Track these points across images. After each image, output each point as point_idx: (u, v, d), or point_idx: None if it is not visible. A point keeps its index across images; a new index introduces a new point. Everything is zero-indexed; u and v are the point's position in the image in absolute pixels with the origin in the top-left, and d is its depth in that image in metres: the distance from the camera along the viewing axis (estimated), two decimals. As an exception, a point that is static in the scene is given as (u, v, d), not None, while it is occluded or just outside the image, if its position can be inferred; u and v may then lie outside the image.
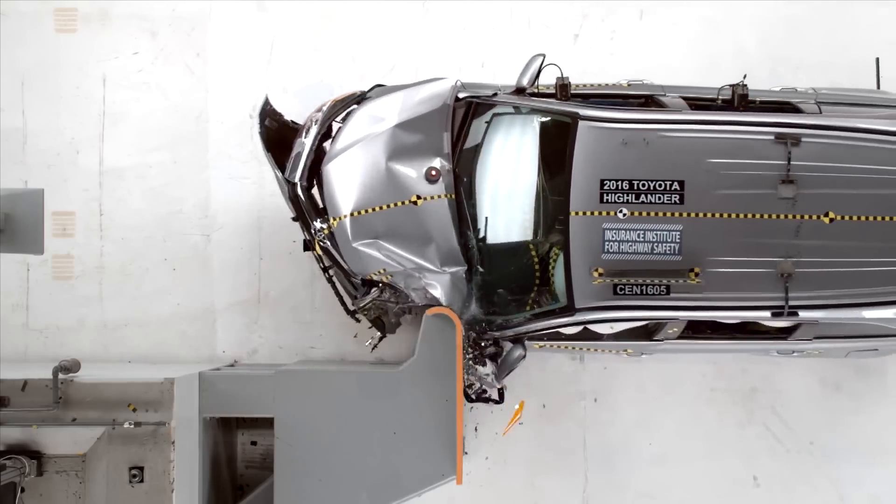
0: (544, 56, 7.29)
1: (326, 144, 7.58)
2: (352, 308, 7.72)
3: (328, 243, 7.42)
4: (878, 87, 7.93)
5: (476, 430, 8.81)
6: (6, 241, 7.24)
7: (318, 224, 7.45)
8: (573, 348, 7.69)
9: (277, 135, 7.64)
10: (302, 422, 7.44)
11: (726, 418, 8.79)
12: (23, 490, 7.19)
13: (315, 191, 7.57)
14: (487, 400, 7.91)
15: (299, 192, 7.37)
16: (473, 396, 7.80)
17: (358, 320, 8.09)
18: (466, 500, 8.80)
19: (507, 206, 7.41)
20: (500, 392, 7.95)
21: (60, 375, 7.19)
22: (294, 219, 7.56)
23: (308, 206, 7.46)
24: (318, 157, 7.45)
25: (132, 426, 7.18)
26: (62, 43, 9.01)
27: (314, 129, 7.44)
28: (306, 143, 7.41)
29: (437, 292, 7.35)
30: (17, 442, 7.22)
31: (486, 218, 7.36)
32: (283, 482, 7.44)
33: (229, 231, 8.85)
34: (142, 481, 7.19)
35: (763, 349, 7.57)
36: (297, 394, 7.48)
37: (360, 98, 7.60)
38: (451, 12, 8.98)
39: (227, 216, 8.90)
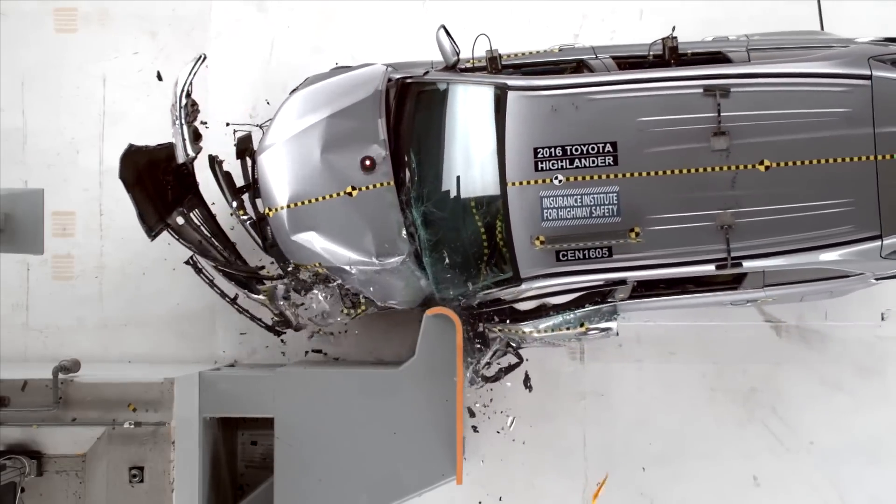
0: (442, 26, 7.21)
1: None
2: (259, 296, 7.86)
3: (246, 222, 7.63)
4: (822, 27, 7.83)
5: (476, 430, 8.81)
6: (6, 241, 7.25)
7: (233, 203, 7.63)
8: (530, 333, 7.62)
9: (151, 166, 7.68)
10: (302, 422, 7.44)
11: (726, 418, 8.79)
12: (23, 490, 7.19)
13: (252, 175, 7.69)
14: (507, 370, 7.91)
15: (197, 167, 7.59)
16: (487, 376, 7.85)
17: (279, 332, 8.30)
18: (466, 501, 8.80)
19: (453, 180, 7.34)
20: (517, 356, 8.02)
21: (60, 375, 7.19)
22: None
23: (225, 183, 7.66)
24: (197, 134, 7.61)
25: (132, 426, 7.18)
26: (62, 43, 9.01)
27: (178, 108, 7.45)
28: (176, 124, 7.45)
29: (382, 284, 7.41)
30: (17, 442, 7.22)
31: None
32: (283, 482, 7.44)
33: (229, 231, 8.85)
34: (142, 481, 7.19)
35: (717, 301, 7.52)
36: (297, 394, 7.48)
37: (205, 58, 7.59)
38: (450, 12, 8.98)
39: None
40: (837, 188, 6.81)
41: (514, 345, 7.98)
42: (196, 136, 7.62)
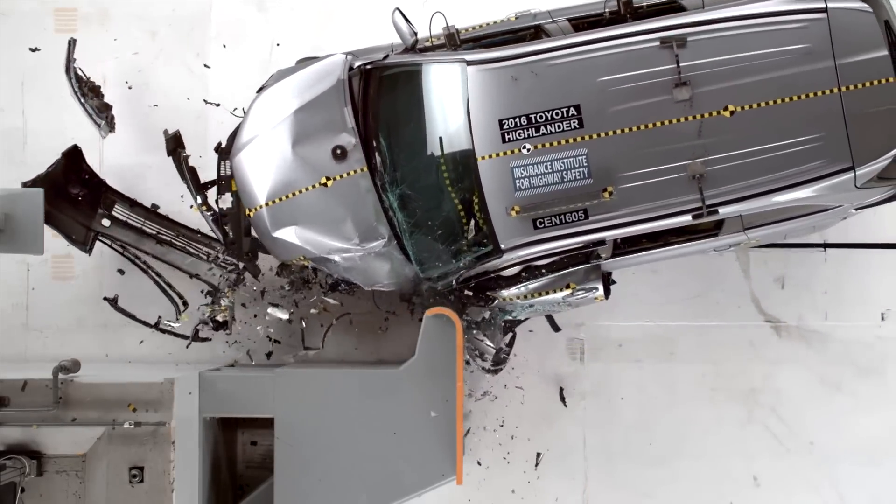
0: (397, 9, 7.23)
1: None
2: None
3: (209, 218, 7.85)
4: None
5: (475, 430, 8.81)
6: (6, 241, 7.24)
7: (198, 199, 7.85)
8: (518, 299, 7.65)
9: (55, 188, 7.90)
10: (302, 422, 7.44)
11: (726, 418, 8.80)
12: (23, 490, 7.19)
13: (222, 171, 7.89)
14: (505, 357, 8.02)
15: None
16: (491, 366, 7.94)
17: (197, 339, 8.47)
18: (466, 501, 8.80)
19: (428, 162, 7.34)
20: (511, 341, 8.09)
21: (60, 375, 7.19)
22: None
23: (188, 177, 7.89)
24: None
25: (132, 426, 7.18)
26: (62, 43, 9.00)
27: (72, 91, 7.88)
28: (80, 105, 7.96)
29: (367, 269, 7.45)
30: (17, 442, 7.22)
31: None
32: (283, 482, 7.44)
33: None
34: (142, 481, 7.19)
35: (699, 249, 7.51)
36: (297, 394, 7.48)
37: (75, 42, 7.88)
38: (450, 12, 8.95)
39: (227, 216, 8.89)
40: (805, 125, 6.80)
41: (508, 318, 8.01)
42: (103, 108, 8.06)
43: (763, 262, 8.83)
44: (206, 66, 8.95)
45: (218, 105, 8.94)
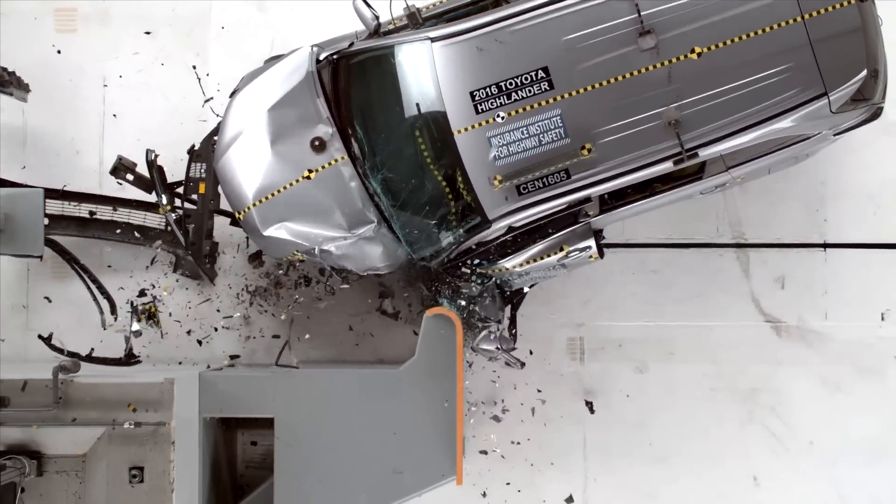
0: None
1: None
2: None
3: (172, 219, 7.98)
4: None
5: (475, 429, 8.81)
6: (6, 241, 7.25)
7: (163, 198, 7.94)
8: (513, 268, 7.64)
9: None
10: (302, 422, 7.44)
11: (726, 418, 8.80)
12: (23, 490, 7.18)
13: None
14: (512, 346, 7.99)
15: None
16: (502, 357, 7.97)
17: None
18: (466, 501, 8.80)
19: (406, 142, 7.37)
20: (513, 335, 8.13)
21: (60, 376, 7.18)
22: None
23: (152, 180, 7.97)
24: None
25: (132, 426, 7.18)
26: (62, 43, 9.01)
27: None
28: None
29: (360, 254, 7.47)
30: (17, 442, 7.21)
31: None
32: (283, 482, 7.44)
33: (228, 231, 8.84)
34: (142, 481, 7.18)
35: (686, 194, 7.52)
36: (297, 394, 7.48)
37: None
38: (451, 12, 8.97)
39: (227, 216, 8.90)
40: (773, 57, 6.81)
41: (504, 290, 8.03)
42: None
43: (763, 262, 8.83)
44: (206, 74, 8.96)
45: (210, 98, 8.94)
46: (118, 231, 8.34)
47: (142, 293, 8.80)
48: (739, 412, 8.80)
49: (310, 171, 7.40)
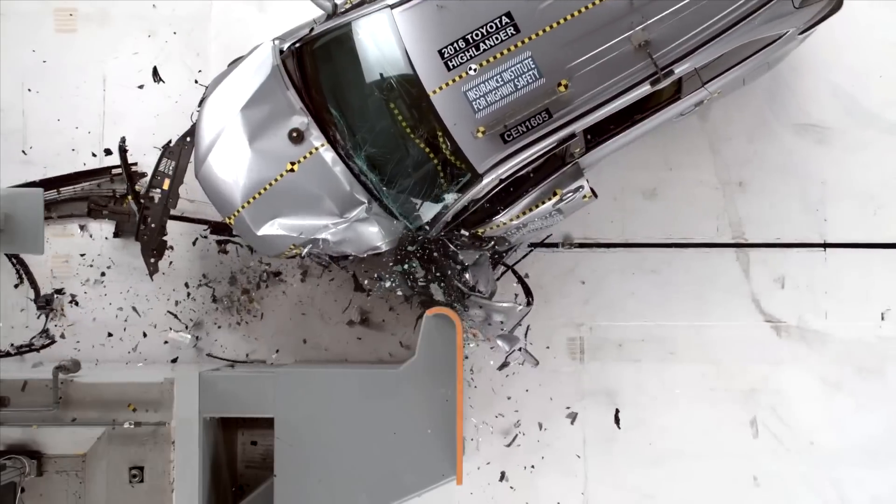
0: None
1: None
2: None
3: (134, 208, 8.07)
4: None
5: (475, 429, 8.81)
6: (6, 241, 7.25)
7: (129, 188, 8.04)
8: (509, 222, 7.65)
9: None
10: (302, 422, 7.44)
11: (726, 418, 8.79)
12: (23, 490, 7.19)
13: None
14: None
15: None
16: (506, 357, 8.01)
17: None
18: (466, 501, 8.80)
19: (383, 115, 7.36)
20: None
21: (60, 375, 7.19)
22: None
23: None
24: None
25: (132, 426, 7.18)
26: (62, 43, 9.01)
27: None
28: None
29: (357, 237, 7.46)
30: (17, 442, 7.22)
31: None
32: (283, 482, 7.44)
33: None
34: (142, 481, 7.19)
35: (667, 118, 7.55)
36: (297, 394, 7.48)
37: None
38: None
39: (227, 216, 8.90)
40: None
41: (498, 253, 8.05)
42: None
43: (763, 262, 8.83)
44: (206, 74, 8.94)
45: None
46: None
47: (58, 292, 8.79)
48: (739, 412, 8.79)
49: (292, 164, 7.41)
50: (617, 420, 8.78)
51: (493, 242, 7.82)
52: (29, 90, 8.94)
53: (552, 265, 8.85)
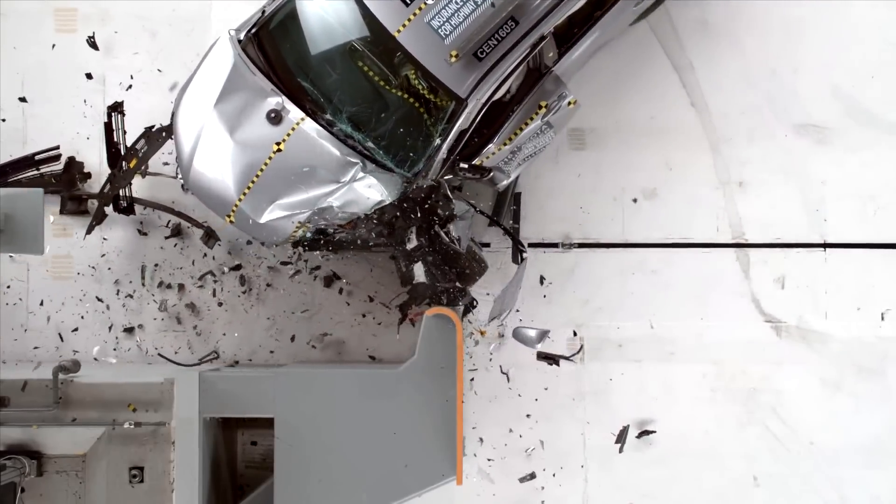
0: None
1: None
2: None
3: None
4: None
5: (475, 429, 8.81)
6: (6, 241, 7.25)
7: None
8: (503, 148, 7.67)
9: None
10: (302, 422, 7.44)
11: (726, 418, 8.79)
12: (23, 490, 7.20)
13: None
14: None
15: None
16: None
17: None
18: (466, 501, 8.80)
19: (353, 72, 7.43)
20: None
21: (60, 376, 7.19)
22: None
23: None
24: None
25: (132, 426, 7.19)
26: (62, 43, 9.01)
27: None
28: None
29: (359, 196, 7.47)
30: (17, 442, 7.23)
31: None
32: (283, 482, 7.44)
33: (228, 231, 8.85)
34: (142, 481, 7.20)
35: (621, 7, 7.60)
36: (297, 394, 7.48)
37: None
38: (451, 12, 8.97)
39: (227, 216, 8.90)
40: None
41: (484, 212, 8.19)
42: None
43: (763, 262, 8.83)
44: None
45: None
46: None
47: None
48: (739, 412, 8.80)
49: (278, 144, 7.45)
50: (647, 434, 8.78)
51: (491, 173, 7.79)
52: (29, 90, 8.94)
53: (552, 265, 8.85)
